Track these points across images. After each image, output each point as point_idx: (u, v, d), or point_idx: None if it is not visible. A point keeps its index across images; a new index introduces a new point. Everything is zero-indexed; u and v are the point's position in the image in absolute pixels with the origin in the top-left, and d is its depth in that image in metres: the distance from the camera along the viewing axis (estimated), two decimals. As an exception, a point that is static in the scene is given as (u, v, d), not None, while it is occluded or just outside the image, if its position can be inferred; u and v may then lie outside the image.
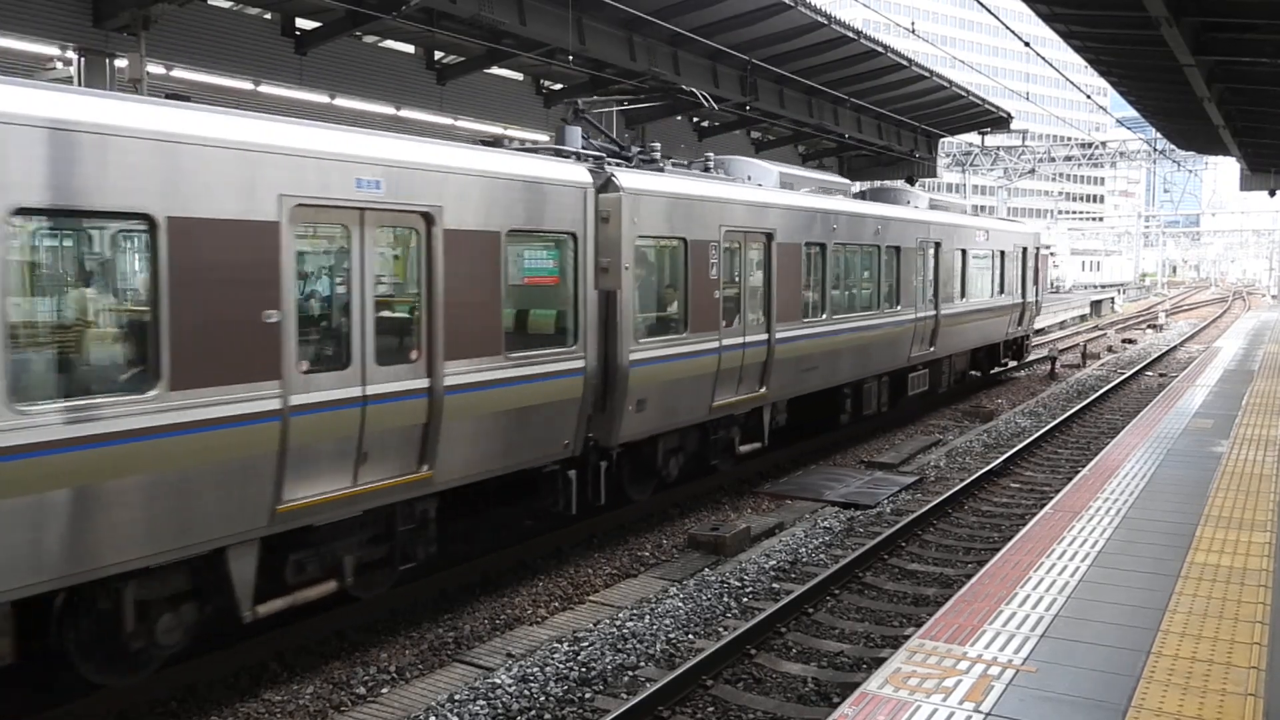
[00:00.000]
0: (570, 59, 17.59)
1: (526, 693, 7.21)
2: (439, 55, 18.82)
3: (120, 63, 13.61)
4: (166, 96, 7.27)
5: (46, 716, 6.68)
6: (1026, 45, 18.67)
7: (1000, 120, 32.51)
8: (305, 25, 16.25)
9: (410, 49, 18.53)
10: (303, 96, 16.70)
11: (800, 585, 9.46)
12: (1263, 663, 5.57)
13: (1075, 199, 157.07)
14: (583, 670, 7.62)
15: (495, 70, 19.49)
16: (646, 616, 8.70)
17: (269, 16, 16.04)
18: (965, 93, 28.43)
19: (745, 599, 9.34)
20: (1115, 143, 54.16)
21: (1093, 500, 9.25)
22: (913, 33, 23.55)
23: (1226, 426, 13.22)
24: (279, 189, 6.92)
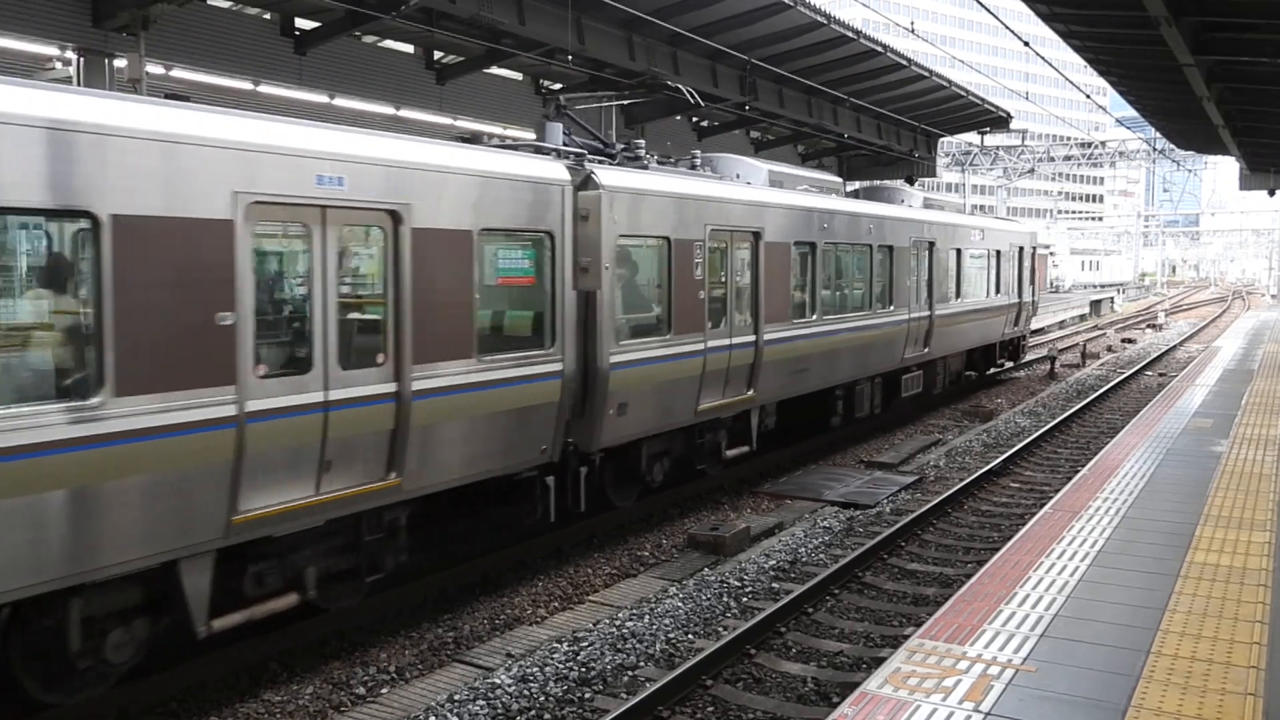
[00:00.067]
0: (570, 59, 17.57)
1: (526, 693, 7.21)
2: (438, 55, 18.82)
3: (119, 63, 13.61)
4: (166, 96, 7.24)
5: (46, 716, 6.68)
6: (1026, 45, 18.68)
7: (1000, 120, 32.53)
8: (305, 25, 16.24)
9: (410, 49, 18.53)
10: (302, 96, 16.70)
11: (800, 585, 9.47)
12: (1262, 662, 5.57)
13: (1075, 199, 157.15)
14: (582, 670, 7.62)
15: (495, 70, 19.48)
16: (646, 616, 8.70)
17: (268, 16, 16.04)
18: (965, 92, 28.44)
19: (745, 599, 9.34)
20: (1115, 142, 54.24)
21: (1092, 500, 9.25)
22: (912, 32, 23.57)
23: (1226, 426, 13.22)
24: (233, 186, 6.63)
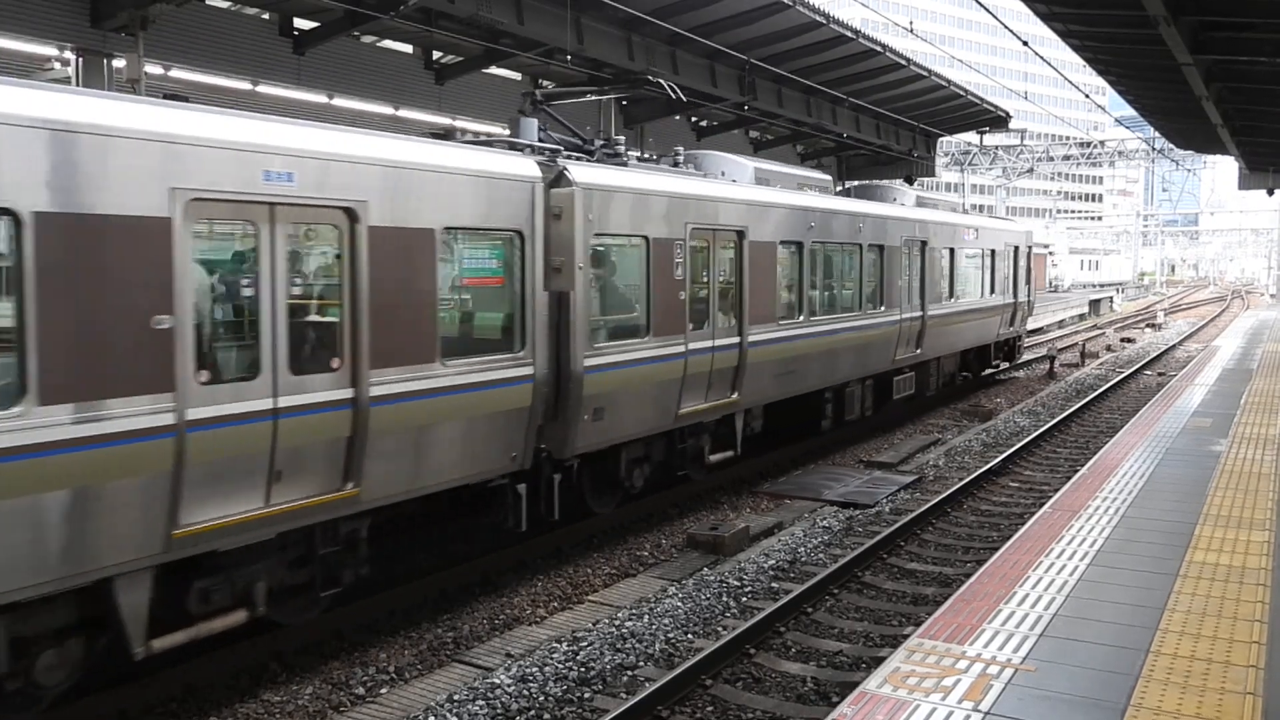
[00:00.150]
0: (569, 59, 17.58)
1: (525, 693, 7.21)
2: (437, 55, 18.82)
3: (118, 63, 13.61)
4: (165, 96, 7.23)
5: (46, 717, 6.67)
6: (1025, 44, 18.65)
7: (999, 119, 32.55)
8: (303, 25, 16.24)
9: (408, 49, 18.54)
10: (301, 96, 16.70)
11: (799, 584, 9.47)
12: (1261, 661, 5.57)
13: (1074, 198, 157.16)
14: (582, 670, 7.62)
15: (494, 70, 19.49)
16: (645, 616, 8.70)
17: (267, 16, 16.04)
18: (964, 92, 28.45)
19: (744, 598, 9.34)
20: (1114, 142, 54.27)
21: (1092, 499, 9.25)
22: (911, 32, 23.58)
23: (1225, 425, 13.22)
24: (170, 181, 6.27)
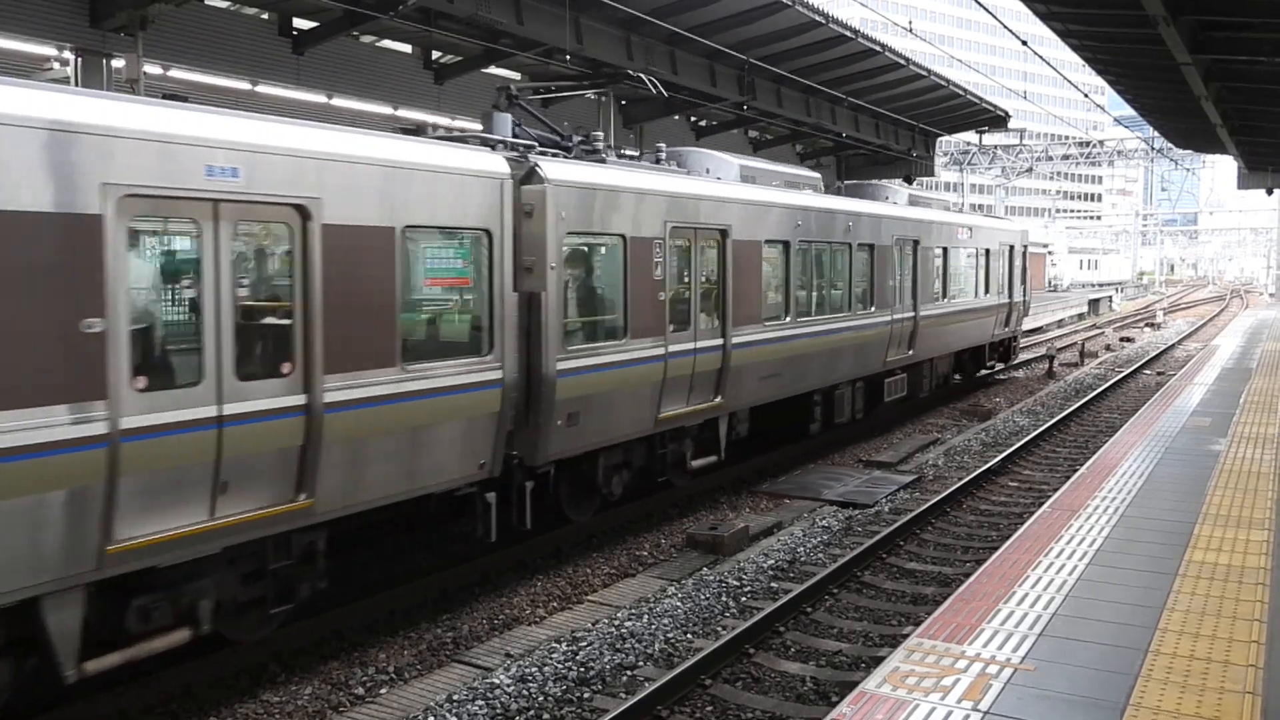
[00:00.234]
0: (568, 58, 17.58)
1: (525, 693, 7.21)
2: (436, 55, 18.84)
3: (117, 63, 13.62)
4: (164, 96, 7.22)
5: (47, 717, 6.68)
6: (1024, 44, 18.66)
7: (998, 119, 32.61)
8: (302, 25, 16.26)
9: (408, 49, 18.55)
10: (300, 96, 16.71)
11: (799, 584, 9.47)
12: (1261, 661, 5.57)
13: (1073, 198, 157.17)
14: (581, 670, 7.62)
15: (493, 70, 19.49)
16: (645, 616, 8.70)
17: (266, 16, 16.05)
18: (963, 92, 28.48)
19: (744, 598, 9.34)
20: (1113, 141, 54.33)
21: (1091, 499, 9.25)
22: (910, 32, 23.60)
23: (1224, 424, 13.22)
24: (101, 177, 5.92)
